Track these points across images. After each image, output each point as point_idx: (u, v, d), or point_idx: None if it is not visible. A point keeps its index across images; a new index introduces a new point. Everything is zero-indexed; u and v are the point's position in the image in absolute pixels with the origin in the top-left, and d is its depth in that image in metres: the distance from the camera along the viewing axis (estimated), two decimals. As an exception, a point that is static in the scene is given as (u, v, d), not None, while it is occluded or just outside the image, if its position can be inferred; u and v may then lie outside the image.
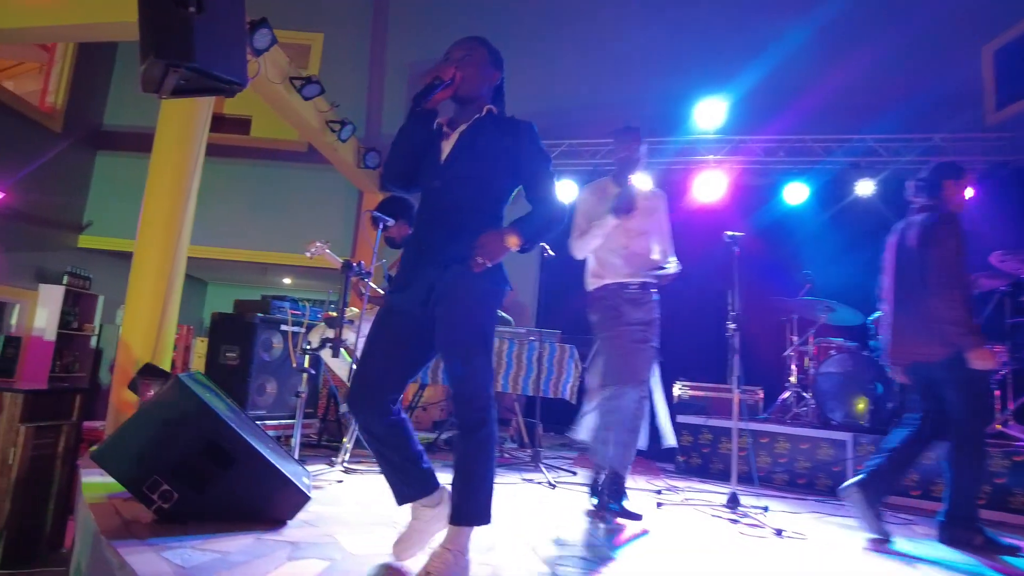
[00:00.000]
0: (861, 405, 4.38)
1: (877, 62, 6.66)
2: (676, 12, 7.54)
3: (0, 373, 5.20)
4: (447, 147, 2.03)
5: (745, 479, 3.80)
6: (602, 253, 3.10)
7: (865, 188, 6.42)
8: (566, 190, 7.19)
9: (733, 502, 3.18)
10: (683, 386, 6.32)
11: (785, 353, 5.24)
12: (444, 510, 2.00)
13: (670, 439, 3.40)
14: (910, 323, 2.93)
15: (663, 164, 6.93)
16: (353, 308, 3.83)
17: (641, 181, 3.31)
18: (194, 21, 2.98)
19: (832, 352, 4.80)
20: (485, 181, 2.02)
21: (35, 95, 7.82)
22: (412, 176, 2.07)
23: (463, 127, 2.05)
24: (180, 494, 2.14)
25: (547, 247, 4.23)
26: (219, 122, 8.82)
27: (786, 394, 5.21)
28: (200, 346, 8.69)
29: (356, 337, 3.21)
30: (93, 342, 8.00)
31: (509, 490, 3.42)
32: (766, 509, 3.20)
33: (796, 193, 6.62)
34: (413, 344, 1.99)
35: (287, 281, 10.56)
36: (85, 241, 8.10)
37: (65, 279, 7.52)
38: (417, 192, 2.12)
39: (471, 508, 1.86)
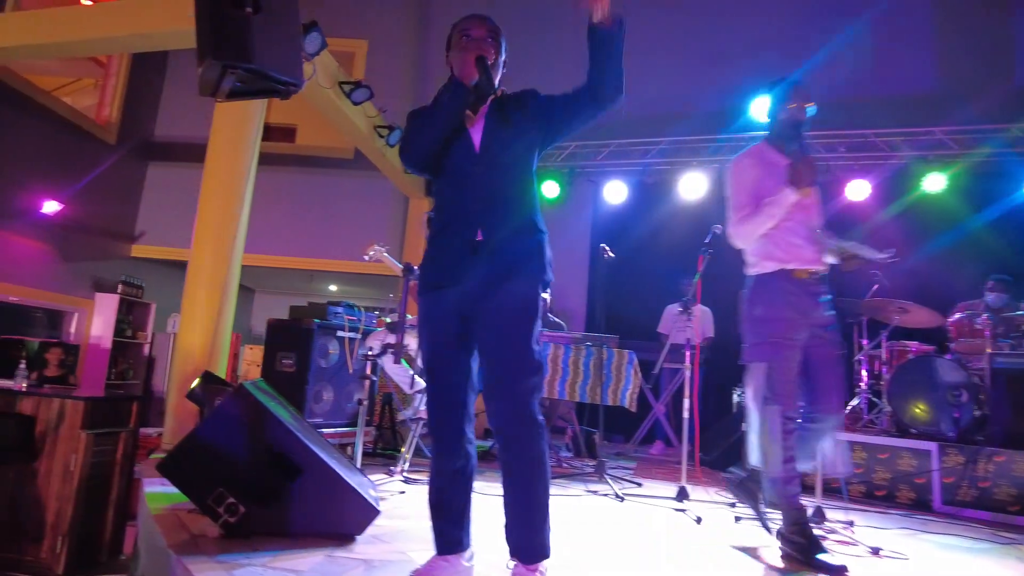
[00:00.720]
0: (943, 413, 4.08)
1: (943, 52, 6.34)
2: (728, 4, 7.31)
3: (60, 380, 5.26)
4: (475, 131, 1.88)
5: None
6: (778, 233, 2.47)
7: (935, 183, 6.09)
8: (615, 190, 7.03)
9: (819, 516, 2.97)
10: (743, 393, 6.08)
11: (856, 357, 4.97)
12: (471, 560, 1.89)
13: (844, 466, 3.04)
14: None
15: (715, 162, 6.70)
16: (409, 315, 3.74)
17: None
18: (251, 22, 2.94)
19: (909, 356, 4.52)
20: (522, 161, 1.90)
21: (91, 109, 8.01)
22: (440, 159, 1.90)
23: (483, 109, 1.91)
24: (246, 507, 2.06)
25: (607, 248, 4.08)
26: (265, 131, 8.87)
27: (855, 400, 4.94)
28: (249, 353, 8.75)
29: (417, 342, 3.11)
30: (146, 350, 8.13)
31: (578, 503, 3.26)
32: (851, 524, 2.98)
33: (858, 189, 6.31)
34: (471, 347, 1.83)
35: (333, 288, 10.61)
36: (138, 250, 8.25)
37: (119, 288, 7.65)
38: (431, 176, 1.95)
39: (541, 541, 1.70)
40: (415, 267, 2.98)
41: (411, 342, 3.07)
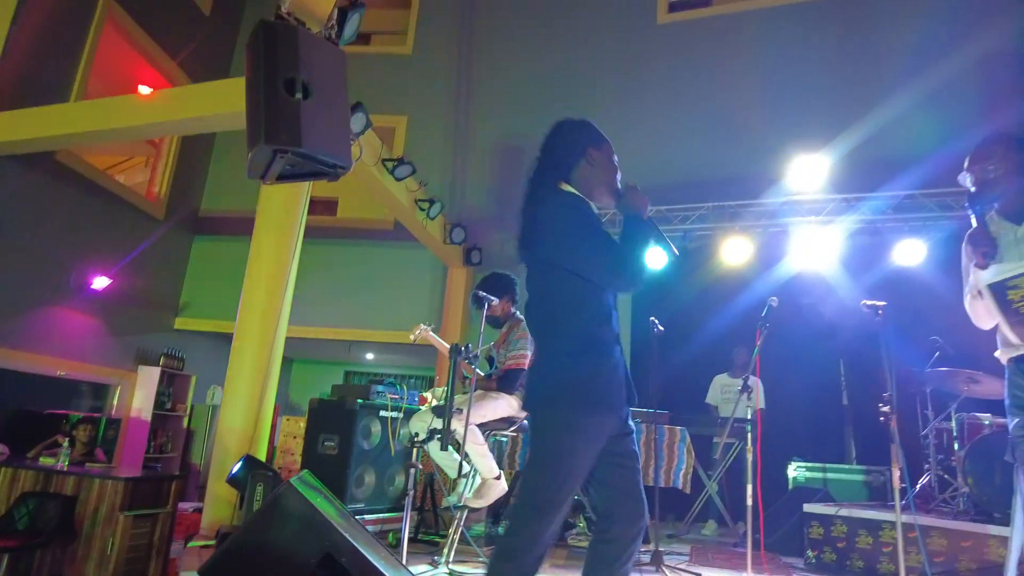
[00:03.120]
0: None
1: (1002, 113, 6.22)
2: (770, 72, 7.36)
3: (88, 456, 5.25)
4: None
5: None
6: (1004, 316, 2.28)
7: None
8: (656, 257, 6.93)
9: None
10: (799, 467, 5.76)
11: (924, 432, 4.67)
12: None
13: None
14: None
15: (759, 226, 6.59)
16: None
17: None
18: (300, 107, 3.00)
19: (986, 430, 4.22)
20: None
21: (142, 186, 8.32)
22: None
23: None
24: (292, 615, 1.93)
25: (656, 322, 3.95)
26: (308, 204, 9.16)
27: (925, 478, 4.62)
28: (286, 425, 8.68)
29: (464, 427, 2.99)
30: (185, 422, 8.13)
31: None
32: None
33: (910, 252, 6.09)
34: None
35: (369, 356, 10.59)
36: (180, 323, 8.37)
37: (161, 360, 7.73)
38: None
39: None
40: (462, 347, 2.90)
41: (459, 428, 2.95)
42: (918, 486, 4.65)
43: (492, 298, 3.22)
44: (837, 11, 7.42)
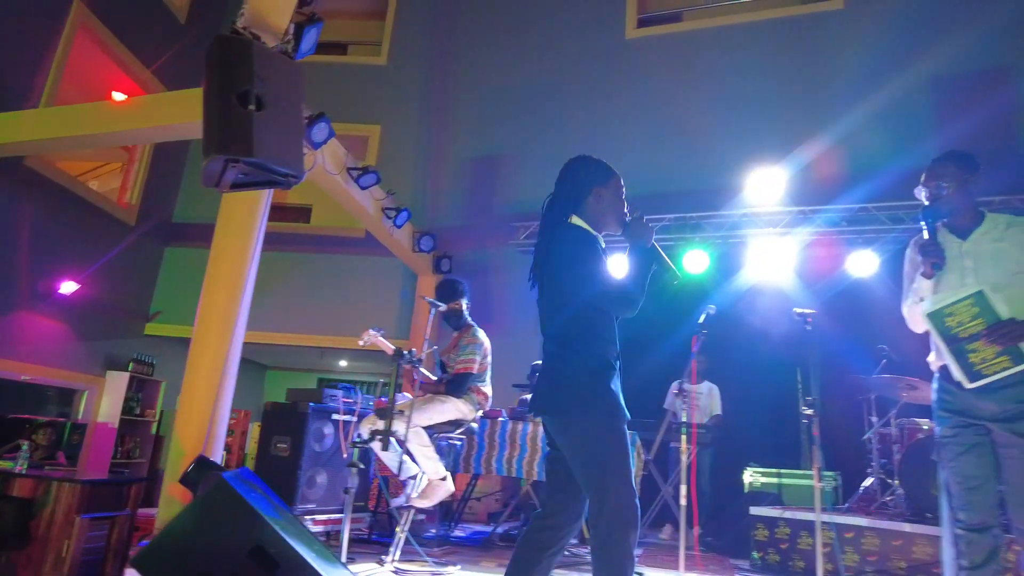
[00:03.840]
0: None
1: (947, 128, 6.48)
2: (731, 88, 7.58)
3: (48, 458, 5.27)
4: None
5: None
6: None
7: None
8: (618, 265, 7.09)
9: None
10: (754, 472, 5.90)
11: (865, 436, 4.84)
12: None
13: None
14: None
15: (718, 237, 6.77)
16: (406, 394, 3.74)
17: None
18: (253, 118, 3.11)
19: (920, 435, 4.39)
20: None
21: (115, 192, 8.35)
22: None
23: None
24: (221, 604, 2.02)
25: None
26: (281, 211, 9.21)
27: (868, 481, 4.78)
28: (257, 431, 8.73)
29: (406, 428, 3.09)
30: (154, 428, 8.13)
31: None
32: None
33: (863, 264, 6.30)
34: None
35: (343, 364, 10.64)
36: (151, 329, 8.39)
37: (130, 366, 7.74)
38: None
39: None
40: (406, 351, 3.01)
41: (400, 428, 3.05)
42: (861, 488, 4.81)
43: (439, 304, 3.34)
44: (796, 30, 7.68)
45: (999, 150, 6.30)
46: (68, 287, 6.94)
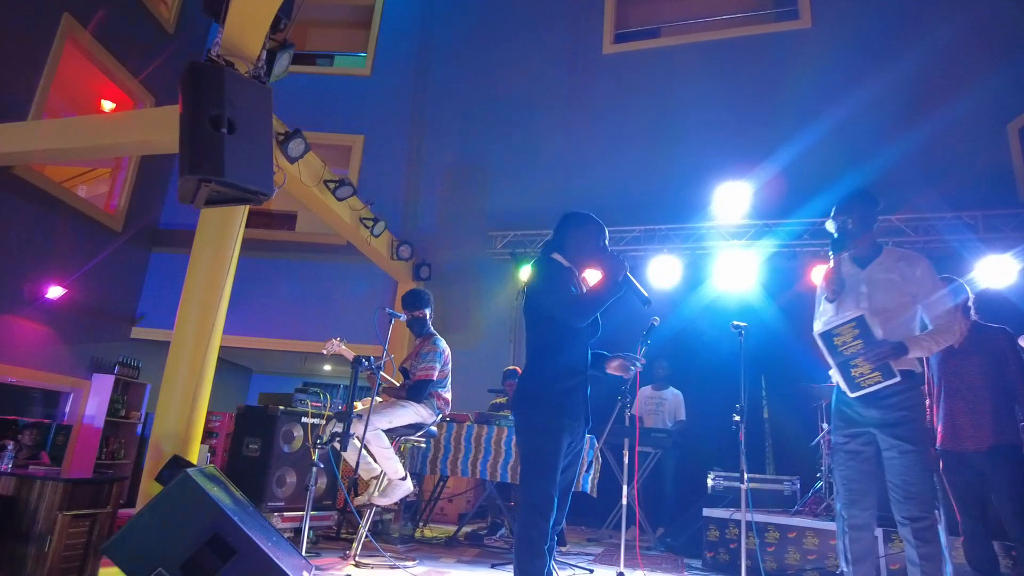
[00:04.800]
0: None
1: (901, 143, 6.76)
2: (700, 104, 7.85)
3: (33, 457, 5.45)
4: None
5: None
6: None
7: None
8: (593, 277, 7.33)
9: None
10: (716, 476, 6.14)
11: (814, 442, 5.09)
12: None
13: None
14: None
15: (686, 248, 7.03)
16: (378, 398, 3.95)
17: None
18: (224, 141, 3.35)
19: (861, 440, 4.63)
20: None
21: (102, 198, 8.54)
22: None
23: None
24: (182, 587, 2.23)
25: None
26: (267, 218, 9.43)
27: (819, 484, 5.02)
28: (239, 433, 8.91)
29: (364, 430, 3.31)
30: (139, 429, 8.31)
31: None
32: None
33: (822, 274, 6.55)
34: None
35: (327, 368, 10.84)
36: (137, 332, 8.57)
37: (116, 368, 7.92)
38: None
39: None
40: (364, 359, 3.23)
41: (358, 429, 3.27)
42: (811, 492, 5.05)
43: (399, 314, 3.57)
44: (766, 47, 7.97)
45: (949, 166, 6.61)
46: (55, 291, 7.12)
